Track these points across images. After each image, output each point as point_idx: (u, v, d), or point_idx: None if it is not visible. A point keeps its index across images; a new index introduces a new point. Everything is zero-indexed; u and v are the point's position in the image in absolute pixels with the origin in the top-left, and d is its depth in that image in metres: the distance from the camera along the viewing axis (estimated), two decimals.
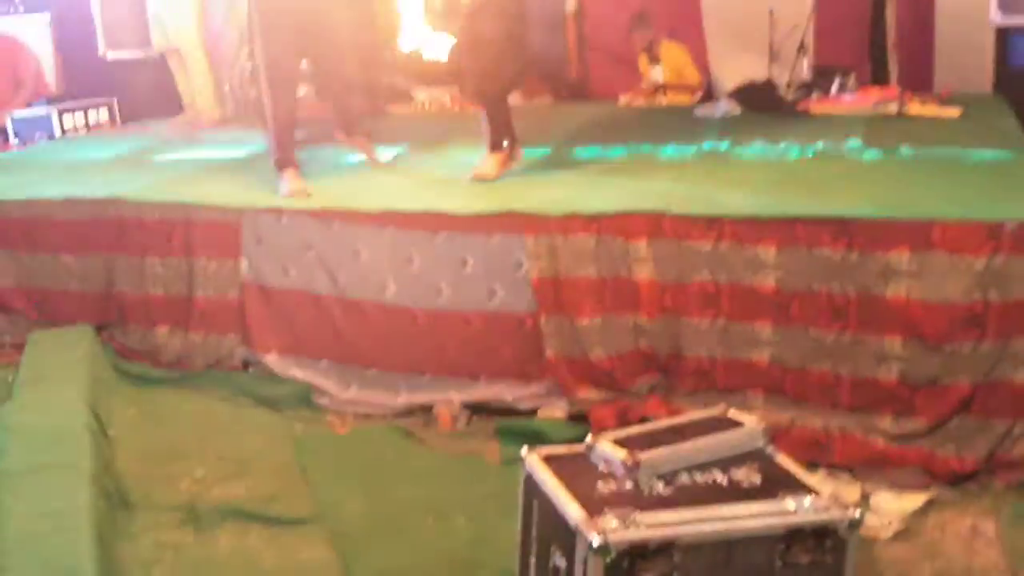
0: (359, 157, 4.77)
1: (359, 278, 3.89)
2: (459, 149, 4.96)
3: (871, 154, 4.32)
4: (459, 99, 6.58)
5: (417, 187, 4.31)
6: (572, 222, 3.58)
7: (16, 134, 6.30)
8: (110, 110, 6.77)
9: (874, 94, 5.54)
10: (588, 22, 7.42)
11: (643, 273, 3.51)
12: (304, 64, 4.66)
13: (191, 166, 5.02)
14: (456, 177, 4.31)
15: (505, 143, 4.31)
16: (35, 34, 7.21)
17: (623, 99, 6.65)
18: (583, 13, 7.36)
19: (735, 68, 6.45)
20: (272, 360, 4.04)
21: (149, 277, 4.17)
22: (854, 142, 4.52)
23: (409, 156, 5.01)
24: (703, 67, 6.62)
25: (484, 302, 3.73)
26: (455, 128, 5.67)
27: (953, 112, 5.15)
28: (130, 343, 4.23)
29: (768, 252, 3.35)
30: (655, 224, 3.50)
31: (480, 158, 4.32)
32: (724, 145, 4.68)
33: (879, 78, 6.10)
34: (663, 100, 6.54)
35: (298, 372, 3.99)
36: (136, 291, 4.20)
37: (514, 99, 6.62)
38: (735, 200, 3.61)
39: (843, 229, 3.25)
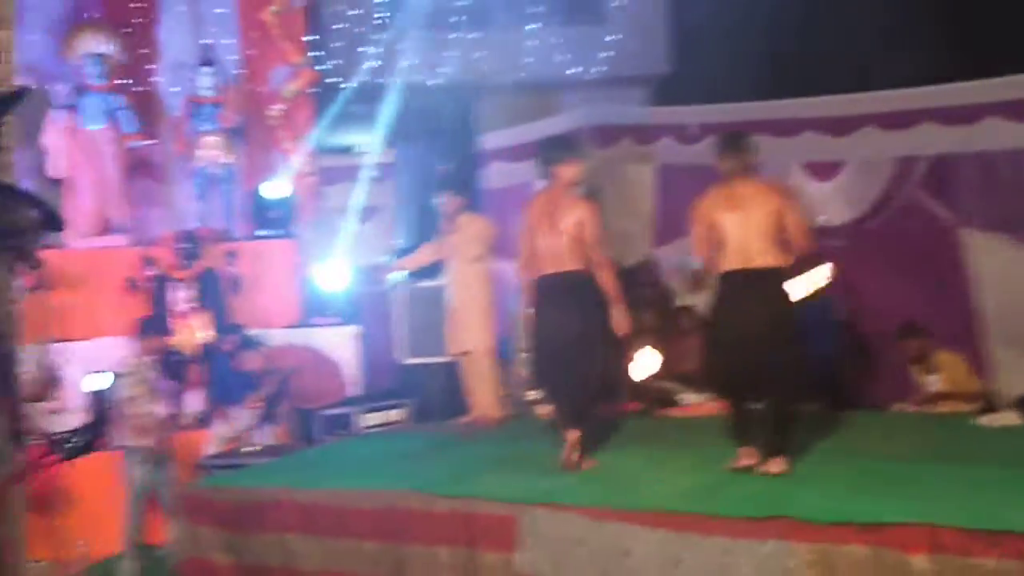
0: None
1: None
2: (713, 450, 5.00)
3: None
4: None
5: (684, 488, 4.42)
6: (846, 531, 3.57)
7: (324, 431, 7.07)
8: (405, 409, 7.45)
9: None
10: (859, 330, 7.54)
11: None
12: None
13: (476, 461, 5.41)
14: (712, 480, 4.48)
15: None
16: (347, 342, 8.27)
17: (897, 407, 6.58)
18: (854, 321, 7.50)
19: (1020, 378, 6.29)
20: None
21: (436, 568, 4.43)
22: None
23: (668, 458, 5.13)
24: (980, 375, 6.50)
25: None
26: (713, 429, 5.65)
27: None
28: None
29: None
30: (934, 537, 3.43)
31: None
32: (1003, 456, 4.55)
33: None
34: (938, 409, 6.40)
35: None
36: None
37: None
38: (1018, 515, 3.50)
39: None
